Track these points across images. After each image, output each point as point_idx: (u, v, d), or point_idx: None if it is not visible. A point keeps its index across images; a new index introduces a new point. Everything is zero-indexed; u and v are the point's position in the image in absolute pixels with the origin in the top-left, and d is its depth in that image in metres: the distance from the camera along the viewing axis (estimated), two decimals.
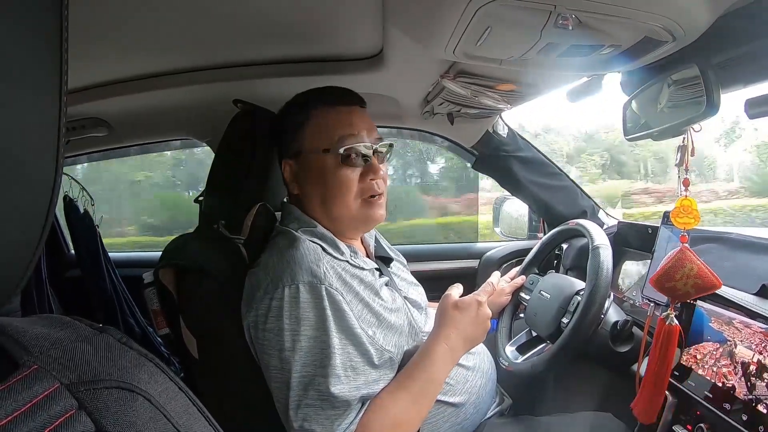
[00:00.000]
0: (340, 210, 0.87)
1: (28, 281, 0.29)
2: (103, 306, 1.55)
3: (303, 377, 0.73)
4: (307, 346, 0.74)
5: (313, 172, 0.87)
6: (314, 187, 0.88)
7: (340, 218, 0.88)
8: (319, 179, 0.86)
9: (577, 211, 1.46)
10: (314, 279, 0.76)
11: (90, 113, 1.28)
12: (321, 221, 0.88)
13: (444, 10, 0.64)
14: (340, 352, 0.75)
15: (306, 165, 0.88)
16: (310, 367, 0.73)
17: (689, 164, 0.73)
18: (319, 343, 0.74)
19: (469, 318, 0.84)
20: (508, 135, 1.46)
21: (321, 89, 0.90)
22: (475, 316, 0.85)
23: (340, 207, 0.86)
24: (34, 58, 0.27)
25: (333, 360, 0.73)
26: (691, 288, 0.74)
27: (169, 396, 0.36)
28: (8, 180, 0.26)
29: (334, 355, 0.74)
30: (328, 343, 0.74)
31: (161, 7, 0.78)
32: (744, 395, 0.72)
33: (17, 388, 0.29)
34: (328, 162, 0.85)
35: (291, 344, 0.74)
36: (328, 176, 0.86)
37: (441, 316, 0.85)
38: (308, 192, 0.89)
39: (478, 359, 0.95)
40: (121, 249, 2.53)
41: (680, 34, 0.64)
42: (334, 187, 0.86)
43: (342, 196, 0.86)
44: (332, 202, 0.86)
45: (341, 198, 0.86)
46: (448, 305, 0.85)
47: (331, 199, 0.86)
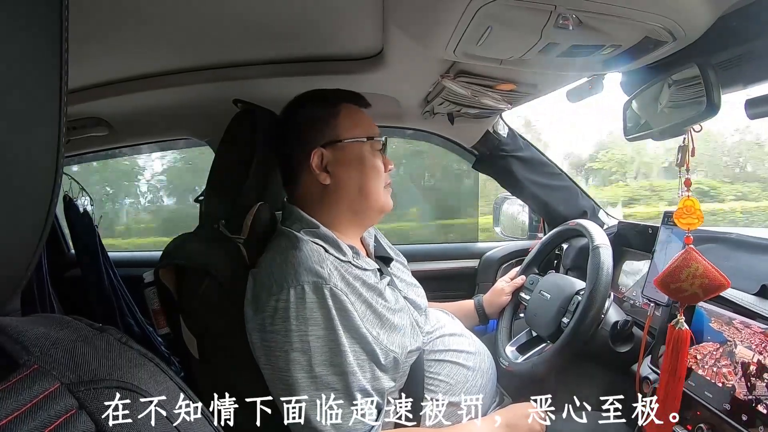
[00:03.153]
0: (375, 197, 0.91)
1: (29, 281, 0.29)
2: (103, 306, 1.55)
3: (315, 377, 0.73)
4: (316, 346, 0.74)
5: (351, 159, 0.89)
6: (352, 173, 0.89)
7: (370, 207, 0.91)
8: (358, 166, 0.89)
9: (578, 211, 1.46)
10: (319, 279, 0.76)
11: (90, 113, 1.27)
12: (323, 222, 0.88)
13: (444, 9, 0.64)
14: (350, 350, 0.75)
15: (344, 153, 0.89)
16: (321, 366, 0.74)
17: (690, 164, 0.73)
18: (328, 342, 0.74)
19: None
20: (508, 135, 1.46)
21: (338, 90, 0.94)
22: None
23: (375, 194, 0.90)
24: (34, 57, 0.27)
25: (345, 357, 0.74)
26: (698, 288, 0.73)
27: (170, 396, 0.36)
28: (9, 180, 0.26)
29: (345, 352, 0.74)
30: (338, 342, 0.74)
31: (161, 7, 0.78)
32: (744, 395, 0.72)
33: (18, 388, 0.29)
34: (367, 149, 0.90)
35: (300, 345, 0.74)
36: (367, 162, 0.90)
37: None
38: (344, 179, 0.89)
39: (479, 359, 0.95)
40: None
41: (680, 34, 0.64)
42: (372, 172, 0.90)
43: (378, 182, 0.91)
44: (371, 187, 0.90)
45: (377, 183, 0.91)
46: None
47: (369, 184, 0.90)
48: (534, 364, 1.00)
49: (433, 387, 0.88)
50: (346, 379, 0.74)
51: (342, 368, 0.74)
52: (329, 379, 0.73)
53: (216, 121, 1.10)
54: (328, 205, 0.89)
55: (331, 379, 0.73)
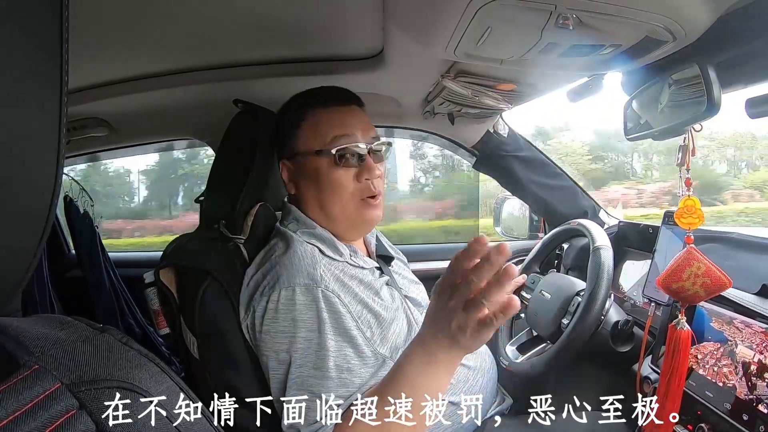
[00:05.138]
0: (337, 211, 0.86)
1: (29, 281, 0.29)
2: (104, 306, 1.55)
3: (297, 378, 0.74)
4: (302, 348, 0.74)
5: (307, 173, 0.87)
6: (310, 188, 0.87)
7: (337, 220, 0.87)
8: (314, 180, 0.86)
9: (578, 211, 1.46)
10: (310, 282, 0.76)
11: (90, 113, 1.27)
12: (320, 222, 0.88)
13: (444, 9, 0.64)
14: (335, 354, 0.75)
15: (301, 166, 0.88)
16: (304, 368, 0.74)
17: (690, 164, 0.73)
18: (313, 345, 0.75)
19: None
20: (508, 135, 1.45)
21: (315, 90, 0.90)
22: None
23: (336, 208, 0.86)
24: (34, 58, 0.27)
25: (327, 362, 0.74)
26: (699, 288, 0.73)
27: (170, 395, 0.36)
28: (9, 180, 0.26)
29: (328, 357, 0.74)
30: (323, 345, 0.74)
31: (161, 7, 0.78)
32: (745, 395, 0.72)
33: (18, 388, 0.29)
34: (322, 163, 0.85)
35: (287, 346, 0.74)
36: (322, 177, 0.85)
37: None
38: (304, 193, 0.89)
39: (479, 358, 0.95)
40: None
41: (681, 34, 0.64)
42: (329, 188, 0.85)
43: (337, 197, 0.85)
44: (328, 204, 0.86)
45: (337, 199, 0.85)
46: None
47: (326, 201, 0.86)
48: (533, 365, 1.00)
49: None
50: (324, 383, 0.73)
51: (323, 372, 0.73)
52: (309, 381, 0.73)
53: (216, 121, 1.10)
54: (319, 207, 0.89)
55: (311, 382, 0.73)
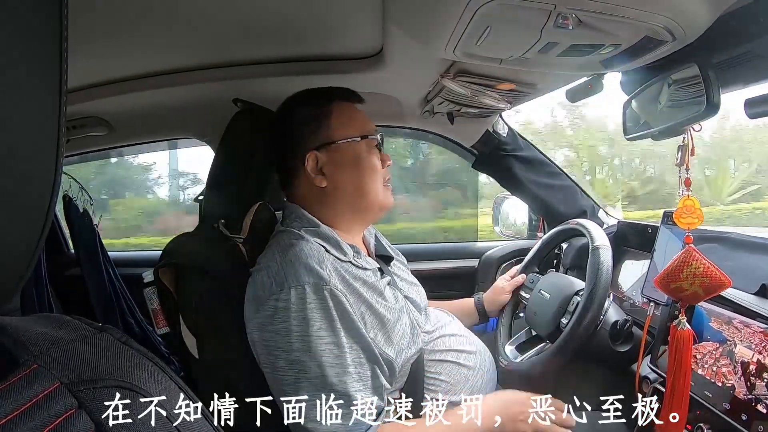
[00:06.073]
0: (373, 196, 0.90)
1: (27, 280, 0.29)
2: (103, 305, 1.55)
3: (316, 378, 0.73)
4: (317, 347, 0.74)
5: (347, 159, 0.88)
6: (347, 174, 0.88)
7: (369, 206, 0.90)
8: (353, 165, 0.88)
9: (577, 211, 1.46)
10: (319, 280, 0.76)
11: (90, 112, 1.27)
12: (324, 220, 0.88)
13: (444, 9, 0.64)
14: (350, 350, 0.75)
15: (338, 153, 0.88)
16: (321, 367, 0.74)
17: (689, 164, 0.73)
18: (329, 343, 0.75)
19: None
20: (508, 134, 1.45)
21: (329, 87, 0.93)
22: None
23: (373, 192, 0.90)
24: (33, 57, 0.27)
25: (345, 359, 0.74)
26: (698, 288, 0.72)
27: (169, 395, 0.36)
28: (8, 179, 0.26)
29: (345, 354, 0.74)
30: (339, 343, 0.75)
31: (161, 6, 0.78)
32: (744, 395, 0.72)
33: (17, 387, 0.29)
34: (362, 148, 0.89)
35: (300, 345, 0.74)
36: (363, 162, 0.89)
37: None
38: (341, 181, 0.89)
39: (479, 359, 0.95)
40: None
41: (680, 34, 0.64)
42: (369, 172, 0.89)
43: (375, 181, 0.90)
44: (367, 186, 0.89)
45: (374, 183, 0.90)
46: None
47: (366, 184, 0.89)
48: (532, 364, 1.00)
49: (433, 387, 0.88)
50: (345, 379, 0.74)
51: (342, 369, 0.74)
52: (330, 380, 0.73)
53: (216, 120, 1.10)
54: (327, 204, 0.89)
55: (331, 380, 0.73)
